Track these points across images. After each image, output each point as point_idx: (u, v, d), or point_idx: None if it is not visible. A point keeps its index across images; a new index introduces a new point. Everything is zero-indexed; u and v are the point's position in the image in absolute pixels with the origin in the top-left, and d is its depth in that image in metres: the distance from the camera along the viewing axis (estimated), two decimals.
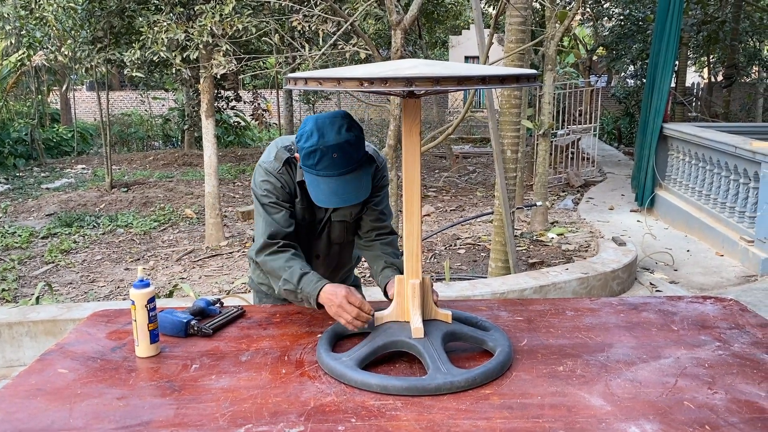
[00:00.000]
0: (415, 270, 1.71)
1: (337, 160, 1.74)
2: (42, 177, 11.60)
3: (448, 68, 1.48)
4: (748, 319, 1.96)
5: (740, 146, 5.75)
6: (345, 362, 1.58)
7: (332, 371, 1.58)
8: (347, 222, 2.08)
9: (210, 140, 6.69)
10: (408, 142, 1.65)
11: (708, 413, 1.40)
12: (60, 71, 14.62)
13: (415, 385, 1.48)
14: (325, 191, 1.78)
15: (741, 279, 5.29)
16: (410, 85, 1.34)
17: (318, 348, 1.70)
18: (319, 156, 1.73)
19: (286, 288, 1.85)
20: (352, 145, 1.75)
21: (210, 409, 1.43)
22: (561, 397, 1.48)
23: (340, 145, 1.73)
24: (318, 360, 1.66)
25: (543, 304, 2.09)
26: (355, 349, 1.65)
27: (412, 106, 1.63)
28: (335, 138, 1.73)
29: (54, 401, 1.48)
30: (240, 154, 14.07)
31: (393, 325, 1.71)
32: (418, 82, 1.33)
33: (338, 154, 1.73)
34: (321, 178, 1.77)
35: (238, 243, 6.78)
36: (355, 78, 1.39)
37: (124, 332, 1.87)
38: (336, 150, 1.73)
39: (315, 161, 1.75)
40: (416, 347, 1.63)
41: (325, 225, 2.06)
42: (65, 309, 3.99)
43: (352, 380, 1.53)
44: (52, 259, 6.36)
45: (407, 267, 1.72)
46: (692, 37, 11.57)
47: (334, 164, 1.74)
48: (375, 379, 1.52)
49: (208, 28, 5.28)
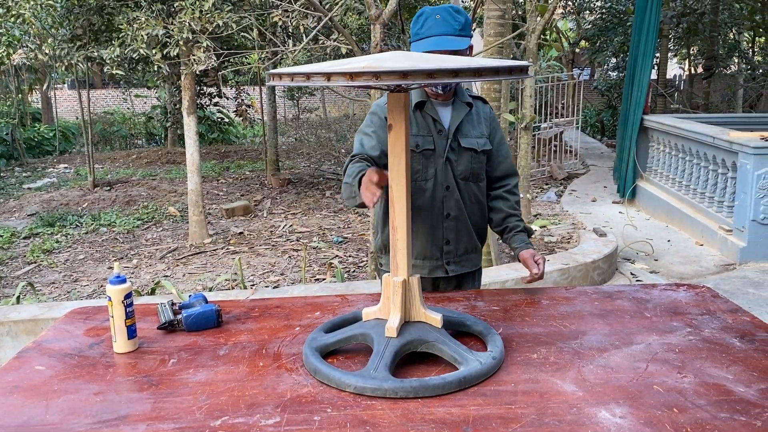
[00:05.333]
0: (401, 267, 1.65)
1: (440, 22, 1.91)
2: (24, 177, 11.49)
3: (431, 62, 1.42)
4: (719, 305, 2.00)
5: (718, 137, 5.82)
6: (311, 342, 1.65)
7: (303, 350, 1.65)
8: (474, 152, 2.07)
9: (192, 137, 6.66)
10: (394, 135, 1.61)
11: (676, 396, 1.44)
12: (41, 70, 14.47)
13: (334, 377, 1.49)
14: (426, 48, 1.92)
15: (720, 267, 5.36)
16: (405, 79, 1.29)
17: (313, 331, 1.76)
18: (424, 18, 1.92)
19: (345, 182, 1.91)
20: (455, 11, 1.93)
21: (187, 403, 1.44)
22: (534, 383, 1.51)
23: (444, 8, 1.93)
24: None
25: (519, 294, 2.11)
26: (332, 334, 1.69)
27: (399, 100, 1.59)
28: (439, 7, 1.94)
29: (30, 398, 1.48)
30: (224, 151, 14.00)
31: (374, 321, 1.69)
32: (412, 76, 1.29)
33: (441, 15, 1.91)
34: (425, 40, 1.92)
35: (222, 240, 6.77)
36: (344, 72, 1.32)
37: (102, 329, 1.88)
38: (439, 11, 1.91)
39: (420, 25, 1.93)
40: (374, 345, 1.59)
41: (449, 156, 2.05)
42: (46, 308, 3.97)
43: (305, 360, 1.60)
44: (35, 259, 6.32)
45: (392, 263, 1.66)
46: (672, 29, 11.66)
47: (437, 24, 1.90)
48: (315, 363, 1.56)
49: (188, 24, 5.26)
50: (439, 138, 2.05)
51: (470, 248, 2.18)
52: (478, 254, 2.24)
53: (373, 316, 1.70)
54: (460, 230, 2.12)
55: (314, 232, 7.03)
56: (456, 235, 2.12)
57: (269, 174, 10.10)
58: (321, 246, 6.38)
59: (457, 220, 2.10)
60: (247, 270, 5.64)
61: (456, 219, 2.10)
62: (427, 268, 2.15)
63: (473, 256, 2.21)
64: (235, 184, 10.17)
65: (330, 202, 8.58)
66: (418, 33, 1.95)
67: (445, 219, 2.10)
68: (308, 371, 1.57)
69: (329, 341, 1.65)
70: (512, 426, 1.32)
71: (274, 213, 8.08)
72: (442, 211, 2.09)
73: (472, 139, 2.08)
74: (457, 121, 2.07)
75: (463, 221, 2.12)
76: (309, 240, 6.65)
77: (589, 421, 1.34)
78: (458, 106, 2.10)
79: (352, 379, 1.47)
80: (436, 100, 2.08)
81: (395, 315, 1.63)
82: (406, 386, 1.44)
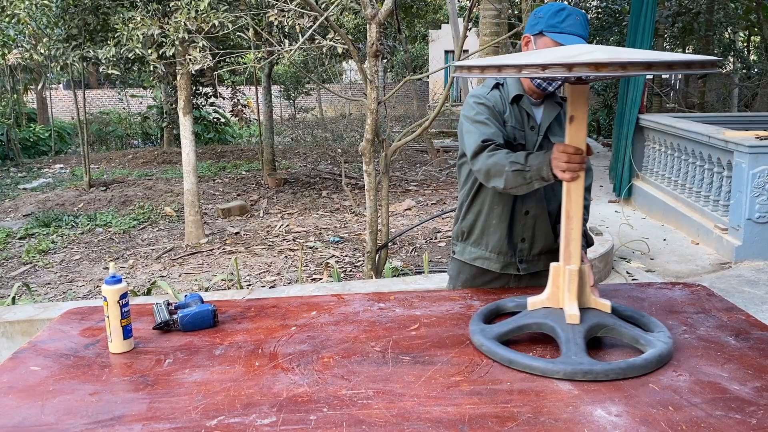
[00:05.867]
0: (573, 255, 1.69)
1: (579, 23, 1.92)
2: (19, 177, 11.46)
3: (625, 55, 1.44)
4: (714, 304, 2.01)
5: (713, 136, 5.83)
6: (485, 333, 1.66)
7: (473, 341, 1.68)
8: None
9: (188, 137, 6.65)
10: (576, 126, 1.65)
11: (672, 394, 1.44)
12: (36, 70, 14.43)
13: (538, 366, 1.52)
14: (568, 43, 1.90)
15: (715, 266, 5.38)
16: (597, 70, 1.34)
17: (472, 320, 1.78)
18: (566, 14, 1.92)
19: (513, 169, 1.81)
20: (586, 20, 1.96)
21: (183, 403, 1.44)
22: (530, 382, 1.51)
23: (581, 12, 1.94)
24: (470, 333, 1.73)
25: (515, 293, 2.11)
26: (501, 323, 1.72)
27: (583, 92, 1.64)
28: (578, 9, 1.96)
29: (26, 398, 1.48)
30: (220, 150, 13.99)
31: (544, 310, 1.71)
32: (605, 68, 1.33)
33: (581, 18, 1.92)
34: (567, 35, 1.91)
35: (218, 240, 6.76)
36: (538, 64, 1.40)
37: (98, 329, 1.87)
38: (579, 14, 1.93)
39: (562, 18, 1.92)
40: (557, 331, 1.63)
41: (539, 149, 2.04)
42: (42, 309, 3.96)
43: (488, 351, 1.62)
44: (30, 260, 6.30)
45: (565, 252, 1.70)
46: (668, 29, 11.69)
47: (576, 25, 1.91)
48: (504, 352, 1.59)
49: (184, 24, 5.25)
50: (531, 134, 2.06)
51: (545, 248, 2.17)
52: (551, 255, 2.24)
53: (540, 305, 1.73)
54: (537, 229, 2.12)
55: (310, 231, 7.02)
56: (532, 233, 2.12)
57: (265, 174, 10.09)
58: (317, 246, 6.38)
59: (535, 219, 2.11)
60: (243, 270, 5.64)
61: (534, 217, 2.10)
62: (499, 263, 2.15)
63: (547, 256, 2.20)
64: (232, 184, 10.16)
65: (326, 202, 8.58)
66: (558, 26, 1.93)
67: (523, 216, 2.10)
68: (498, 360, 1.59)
69: (502, 331, 1.67)
70: (508, 425, 1.33)
71: (271, 213, 8.07)
72: (521, 207, 2.09)
73: (561, 138, 2.07)
74: (549, 120, 2.07)
75: (542, 220, 2.12)
76: (305, 240, 6.65)
77: (585, 420, 1.34)
78: (549, 104, 2.09)
79: (560, 366, 1.50)
80: (530, 96, 2.08)
81: (572, 302, 1.66)
82: (615, 368, 1.50)
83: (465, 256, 2.21)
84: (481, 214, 2.15)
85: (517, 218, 2.10)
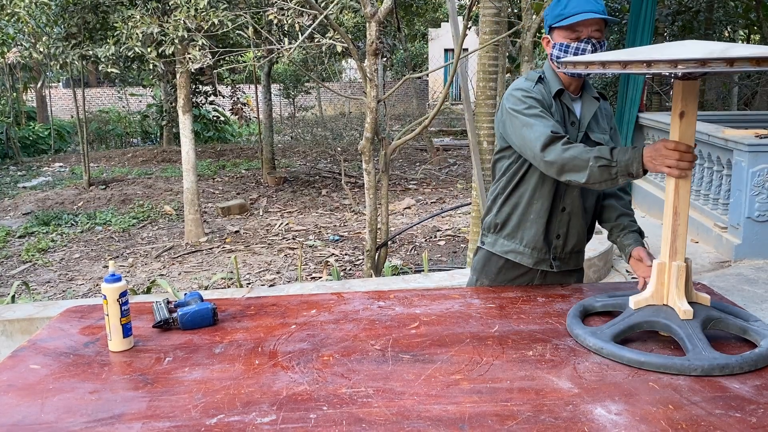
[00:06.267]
0: (679, 252, 1.69)
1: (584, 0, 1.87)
2: (18, 176, 11.45)
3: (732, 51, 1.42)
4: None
5: (713, 134, 5.83)
6: (600, 336, 1.65)
7: (588, 344, 1.65)
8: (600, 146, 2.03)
9: (187, 136, 6.65)
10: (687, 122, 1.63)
11: (672, 393, 1.44)
12: (35, 68, 14.43)
13: (674, 364, 1.52)
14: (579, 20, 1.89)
15: (715, 265, 5.38)
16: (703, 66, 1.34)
17: (569, 323, 1.76)
18: None
19: (599, 165, 1.74)
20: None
21: (182, 401, 1.44)
22: (530, 380, 1.51)
23: None
24: (571, 333, 1.73)
25: (515, 291, 2.12)
26: (609, 324, 1.71)
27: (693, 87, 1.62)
28: None
29: (25, 397, 1.47)
30: (220, 149, 13.99)
31: (650, 308, 1.71)
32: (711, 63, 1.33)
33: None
34: (573, 17, 1.87)
35: (218, 239, 6.76)
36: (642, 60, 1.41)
37: (97, 327, 1.87)
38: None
39: (564, 5, 1.89)
40: (674, 328, 1.63)
41: None
42: (41, 307, 3.96)
43: (611, 353, 1.60)
44: (30, 258, 6.30)
45: (670, 248, 1.69)
46: (667, 28, 11.68)
47: (582, 2, 1.87)
48: (631, 354, 1.57)
49: (183, 22, 5.24)
50: (572, 129, 2.04)
51: (576, 246, 2.17)
52: (582, 254, 2.24)
53: (645, 303, 1.72)
54: (572, 226, 2.11)
55: (310, 230, 7.02)
56: (567, 229, 2.11)
57: (265, 172, 10.09)
58: (317, 244, 6.38)
59: (570, 215, 2.10)
60: (242, 268, 5.64)
61: (570, 214, 2.09)
62: (533, 258, 2.14)
63: (579, 254, 2.21)
64: (231, 182, 10.15)
65: (326, 201, 8.58)
66: (562, 14, 1.90)
67: (560, 212, 2.09)
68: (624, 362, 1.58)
69: (614, 332, 1.66)
70: (508, 423, 1.33)
71: (270, 211, 8.07)
72: (558, 203, 2.08)
73: (600, 134, 2.06)
74: (589, 115, 2.06)
75: (576, 217, 2.10)
76: (305, 238, 6.65)
77: (585, 418, 1.34)
78: (588, 99, 2.08)
79: (696, 363, 1.51)
80: (569, 91, 2.06)
81: (681, 298, 1.66)
82: (748, 360, 1.52)
83: (496, 248, 2.17)
84: (518, 208, 2.11)
85: (555, 214, 2.08)
